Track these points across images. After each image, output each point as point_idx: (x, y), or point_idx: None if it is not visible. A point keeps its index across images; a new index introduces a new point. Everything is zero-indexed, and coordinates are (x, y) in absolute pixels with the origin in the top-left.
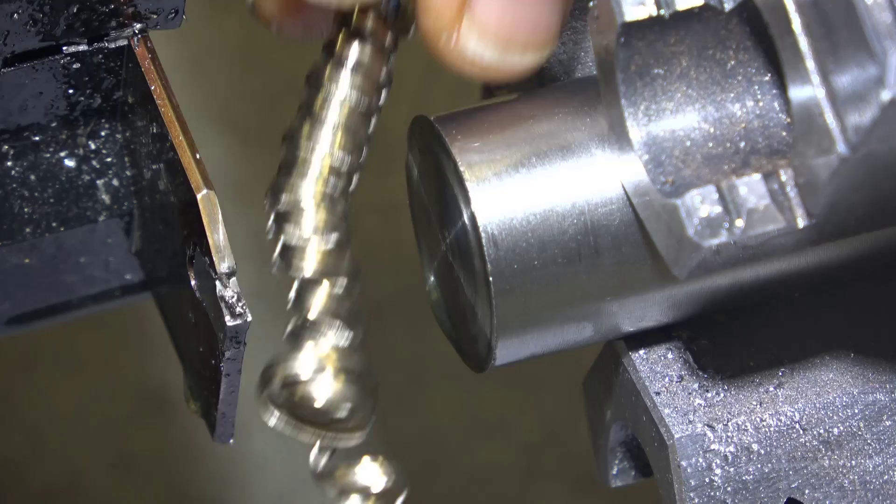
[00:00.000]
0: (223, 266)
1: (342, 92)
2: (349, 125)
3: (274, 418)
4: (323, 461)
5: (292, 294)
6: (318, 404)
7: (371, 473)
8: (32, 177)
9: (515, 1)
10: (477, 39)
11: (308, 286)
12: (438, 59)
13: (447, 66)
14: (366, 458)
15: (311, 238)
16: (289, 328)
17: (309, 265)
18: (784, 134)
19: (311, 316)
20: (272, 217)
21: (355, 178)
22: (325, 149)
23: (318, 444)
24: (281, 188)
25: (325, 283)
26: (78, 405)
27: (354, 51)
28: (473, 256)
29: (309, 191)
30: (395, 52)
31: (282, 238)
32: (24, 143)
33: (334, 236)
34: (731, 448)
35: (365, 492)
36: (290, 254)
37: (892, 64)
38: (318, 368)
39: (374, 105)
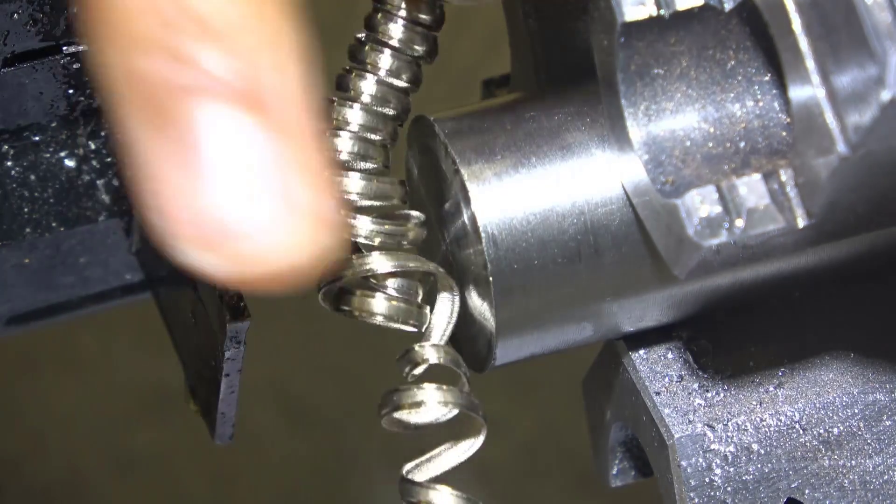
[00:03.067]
0: None
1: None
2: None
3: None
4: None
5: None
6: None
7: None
8: (32, 177)
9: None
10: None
11: None
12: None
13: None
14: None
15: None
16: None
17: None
18: (784, 134)
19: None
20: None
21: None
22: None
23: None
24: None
25: None
26: (78, 405)
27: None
28: (473, 256)
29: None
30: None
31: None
32: (24, 143)
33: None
34: (731, 448)
35: None
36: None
37: (892, 64)
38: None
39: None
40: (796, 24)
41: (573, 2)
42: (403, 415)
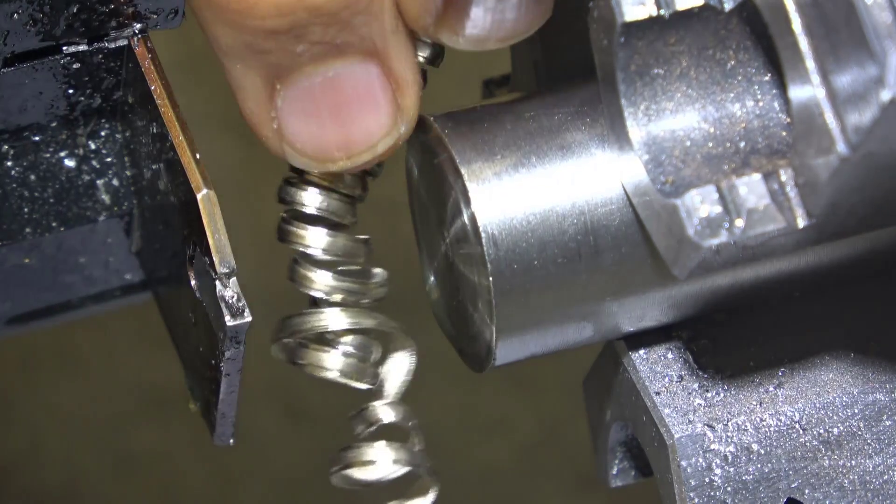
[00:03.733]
0: (223, 266)
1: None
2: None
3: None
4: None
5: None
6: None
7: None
8: (32, 177)
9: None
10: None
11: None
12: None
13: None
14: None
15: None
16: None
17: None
18: (784, 134)
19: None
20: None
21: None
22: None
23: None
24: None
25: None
26: (78, 405)
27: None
28: (473, 256)
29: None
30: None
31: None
32: (24, 143)
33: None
34: (731, 448)
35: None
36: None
37: (892, 64)
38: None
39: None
40: (796, 24)
41: (573, 1)
42: (354, 472)
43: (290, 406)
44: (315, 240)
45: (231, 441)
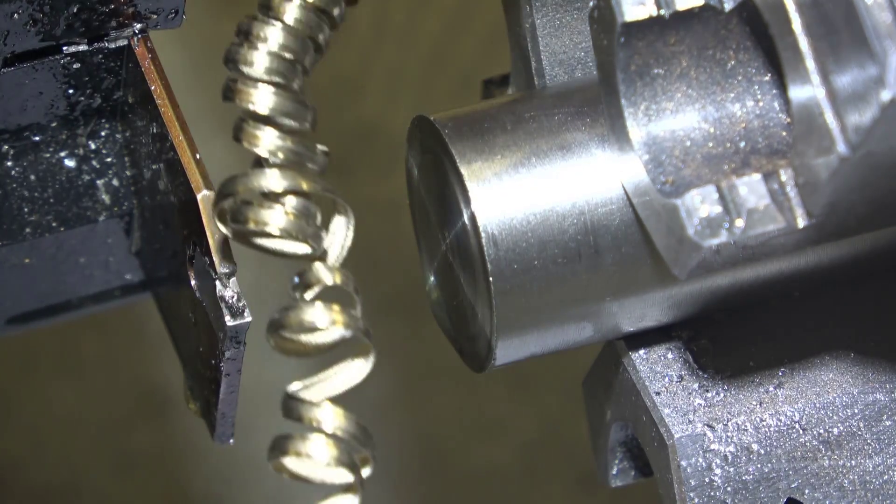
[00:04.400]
0: (223, 266)
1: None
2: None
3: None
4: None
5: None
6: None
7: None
8: (32, 177)
9: None
10: None
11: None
12: None
13: None
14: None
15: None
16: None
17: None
18: (784, 134)
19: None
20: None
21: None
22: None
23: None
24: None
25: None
26: (78, 405)
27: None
28: (473, 256)
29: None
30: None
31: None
32: (24, 143)
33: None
34: (731, 448)
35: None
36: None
37: (892, 64)
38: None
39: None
40: (796, 24)
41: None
42: (294, 336)
43: None
44: (262, 98)
45: (231, 441)
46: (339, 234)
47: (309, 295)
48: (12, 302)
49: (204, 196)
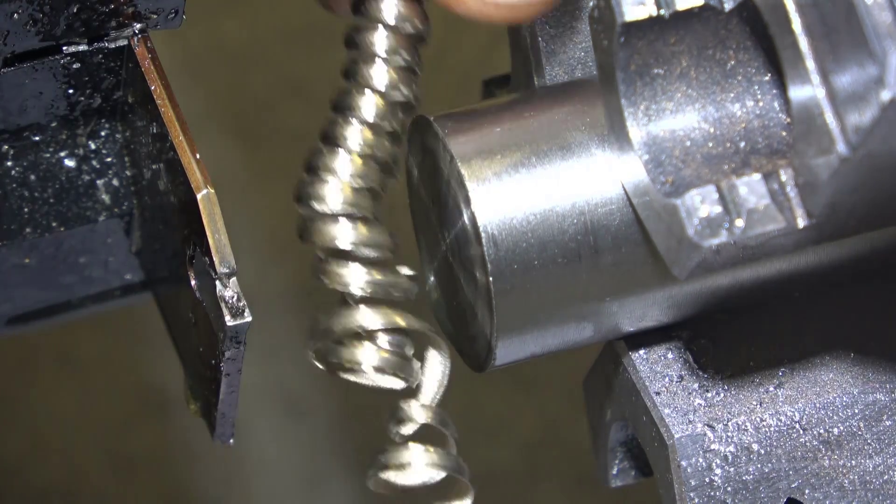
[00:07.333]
0: (223, 266)
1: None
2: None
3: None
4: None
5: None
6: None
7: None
8: (32, 177)
9: None
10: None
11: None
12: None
13: (464, 10)
14: None
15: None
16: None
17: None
18: (784, 134)
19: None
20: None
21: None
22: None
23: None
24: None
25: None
26: (78, 405)
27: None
28: (473, 256)
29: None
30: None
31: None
32: (24, 143)
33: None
34: (731, 448)
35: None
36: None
37: (892, 64)
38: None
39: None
40: (796, 24)
41: (573, 1)
42: (390, 475)
43: (290, 406)
44: (344, 233)
45: (231, 441)
46: (436, 371)
47: (405, 432)
48: (12, 302)
49: (204, 196)
